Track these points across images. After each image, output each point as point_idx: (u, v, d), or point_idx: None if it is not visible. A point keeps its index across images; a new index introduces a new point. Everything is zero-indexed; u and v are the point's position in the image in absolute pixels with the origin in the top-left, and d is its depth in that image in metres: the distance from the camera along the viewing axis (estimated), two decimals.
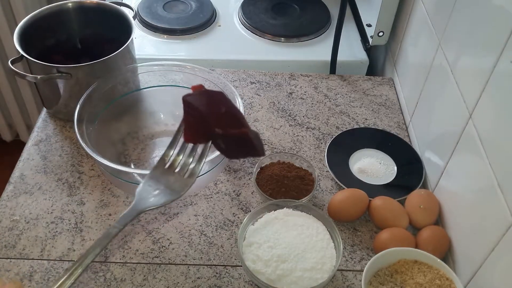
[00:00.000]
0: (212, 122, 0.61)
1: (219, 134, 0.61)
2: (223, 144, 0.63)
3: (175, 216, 0.79)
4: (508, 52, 0.60)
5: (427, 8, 0.90)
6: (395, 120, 0.97)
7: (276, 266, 0.68)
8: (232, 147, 0.63)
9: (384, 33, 1.05)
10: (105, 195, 0.81)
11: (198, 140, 0.65)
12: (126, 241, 0.76)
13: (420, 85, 0.90)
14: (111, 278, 0.71)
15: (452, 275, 0.67)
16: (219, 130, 0.61)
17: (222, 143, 0.62)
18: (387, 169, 0.87)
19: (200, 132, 0.63)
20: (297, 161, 0.84)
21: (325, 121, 0.96)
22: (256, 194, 0.82)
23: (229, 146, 0.63)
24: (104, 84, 0.82)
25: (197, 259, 0.74)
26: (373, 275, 0.69)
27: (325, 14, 1.22)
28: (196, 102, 0.62)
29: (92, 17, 0.93)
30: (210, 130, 0.62)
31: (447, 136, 0.77)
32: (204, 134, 0.63)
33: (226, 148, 0.63)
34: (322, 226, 0.74)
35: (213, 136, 0.62)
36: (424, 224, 0.76)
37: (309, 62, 1.11)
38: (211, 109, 0.62)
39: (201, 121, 0.62)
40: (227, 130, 0.61)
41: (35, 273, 0.71)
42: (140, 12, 1.18)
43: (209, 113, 0.61)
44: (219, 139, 0.62)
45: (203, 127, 0.62)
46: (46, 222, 0.77)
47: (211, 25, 1.18)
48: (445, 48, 0.80)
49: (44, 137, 0.90)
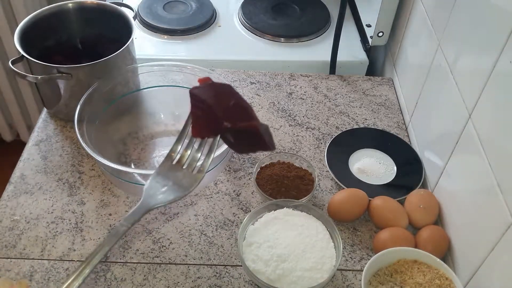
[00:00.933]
0: (220, 115, 0.59)
1: (227, 128, 0.59)
2: (232, 138, 0.61)
3: (175, 216, 0.79)
4: (508, 52, 0.61)
5: (426, 8, 0.90)
6: (395, 120, 0.97)
7: (276, 265, 0.68)
8: (241, 141, 0.61)
9: (383, 34, 1.05)
10: (106, 195, 0.82)
11: (206, 134, 0.62)
12: (126, 241, 0.76)
13: (420, 85, 0.90)
14: (111, 277, 0.71)
15: (452, 275, 0.67)
16: (227, 123, 0.59)
17: (231, 137, 0.61)
18: (386, 169, 0.87)
19: (208, 126, 0.61)
20: (297, 161, 0.84)
21: (325, 121, 0.96)
22: (256, 194, 0.83)
23: (238, 140, 0.61)
24: (104, 84, 0.82)
25: (197, 258, 0.74)
26: (373, 275, 0.69)
27: (325, 14, 1.22)
28: (204, 95, 0.60)
29: (93, 17, 0.93)
30: (218, 123, 0.59)
31: (446, 136, 0.77)
32: (213, 128, 0.61)
33: (235, 142, 0.61)
34: (322, 226, 0.74)
35: (222, 130, 0.60)
36: (423, 224, 0.77)
37: (309, 62, 1.11)
38: (219, 101, 0.60)
39: (209, 114, 0.60)
40: (236, 123, 0.59)
41: (35, 273, 0.71)
42: (141, 12, 1.18)
43: (217, 106, 0.59)
44: (228, 133, 0.60)
45: (211, 120, 0.60)
46: (46, 222, 0.78)
47: (211, 25, 1.19)
48: (444, 48, 0.81)
49: (44, 137, 0.90)
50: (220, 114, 0.59)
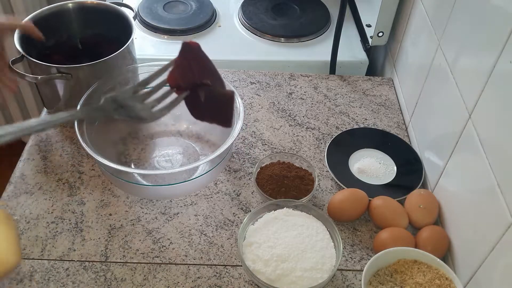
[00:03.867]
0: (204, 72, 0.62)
1: (206, 85, 0.62)
2: (203, 97, 0.63)
3: (175, 216, 0.79)
4: (508, 52, 0.61)
5: (426, 8, 0.90)
6: (395, 120, 0.97)
7: (276, 265, 0.68)
8: (207, 106, 0.64)
9: (383, 34, 1.05)
10: (105, 195, 0.82)
11: (181, 84, 0.64)
12: (126, 241, 0.76)
13: (420, 86, 0.90)
14: (111, 278, 0.71)
15: (452, 275, 0.67)
16: (207, 81, 0.62)
17: (203, 96, 0.63)
18: (386, 169, 0.87)
19: (186, 77, 0.63)
20: (297, 161, 0.84)
21: (325, 121, 0.96)
22: (256, 194, 0.83)
23: (206, 103, 0.63)
24: (104, 84, 0.82)
25: (197, 259, 0.74)
26: (373, 275, 0.69)
27: (325, 14, 1.22)
28: (196, 50, 0.63)
29: (93, 17, 0.93)
30: (199, 78, 0.62)
31: (446, 136, 0.77)
32: (189, 81, 0.63)
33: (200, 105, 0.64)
34: (322, 226, 0.74)
35: (197, 86, 0.62)
36: (423, 224, 0.77)
37: (309, 62, 1.11)
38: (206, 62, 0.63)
39: (194, 67, 0.62)
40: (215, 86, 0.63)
41: (35, 273, 0.71)
42: (141, 12, 1.18)
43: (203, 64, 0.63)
44: (202, 91, 0.63)
45: (192, 74, 0.62)
46: (46, 222, 0.78)
47: (211, 25, 1.19)
48: (444, 48, 0.81)
49: (44, 137, 0.90)
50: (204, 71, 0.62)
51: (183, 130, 0.91)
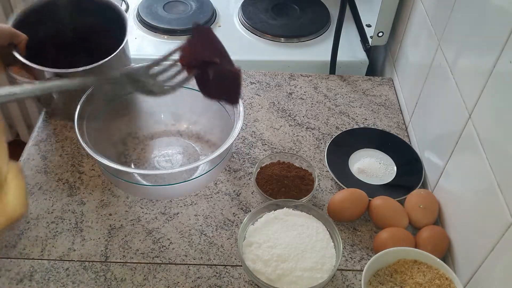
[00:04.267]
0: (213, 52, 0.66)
1: (216, 64, 0.65)
2: (212, 75, 0.66)
3: (175, 216, 0.79)
4: (508, 52, 0.61)
5: (426, 8, 0.90)
6: (395, 120, 0.97)
7: (276, 265, 0.68)
8: (216, 83, 0.67)
9: (383, 34, 1.05)
10: (105, 195, 0.82)
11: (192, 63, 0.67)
12: (126, 241, 0.76)
13: (420, 86, 0.90)
14: (111, 278, 0.71)
15: (452, 275, 0.67)
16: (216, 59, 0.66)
17: (212, 73, 0.66)
18: (386, 169, 0.87)
19: (197, 56, 0.66)
20: (297, 161, 0.84)
21: (325, 121, 0.96)
22: (256, 194, 0.83)
23: (215, 80, 0.66)
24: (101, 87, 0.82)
25: (197, 259, 0.74)
26: (373, 275, 0.69)
27: (325, 14, 1.22)
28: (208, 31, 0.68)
29: (86, 8, 0.92)
30: (209, 57, 0.66)
31: (446, 136, 0.77)
32: (199, 60, 0.66)
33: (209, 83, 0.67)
34: (322, 226, 0.74)
35: (208, 64, 0.66)
36: (423, 224, 0.77)
37: (309, 62, 1.11)
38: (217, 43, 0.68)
39: (205, 47, 0.66)
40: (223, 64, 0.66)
41: (35, 273, 0.71)
42: (140, 12, 1.18)
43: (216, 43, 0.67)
44: (211, 70, 0.66)
45: (203, 53, 0.66)
46: (46, 222, 0.78)
47: (211, 25, 1.18)
48: (444, 48, 0.81)
49: (44, 137, 0.90)
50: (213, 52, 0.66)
51: (183, 130, 0.91)
